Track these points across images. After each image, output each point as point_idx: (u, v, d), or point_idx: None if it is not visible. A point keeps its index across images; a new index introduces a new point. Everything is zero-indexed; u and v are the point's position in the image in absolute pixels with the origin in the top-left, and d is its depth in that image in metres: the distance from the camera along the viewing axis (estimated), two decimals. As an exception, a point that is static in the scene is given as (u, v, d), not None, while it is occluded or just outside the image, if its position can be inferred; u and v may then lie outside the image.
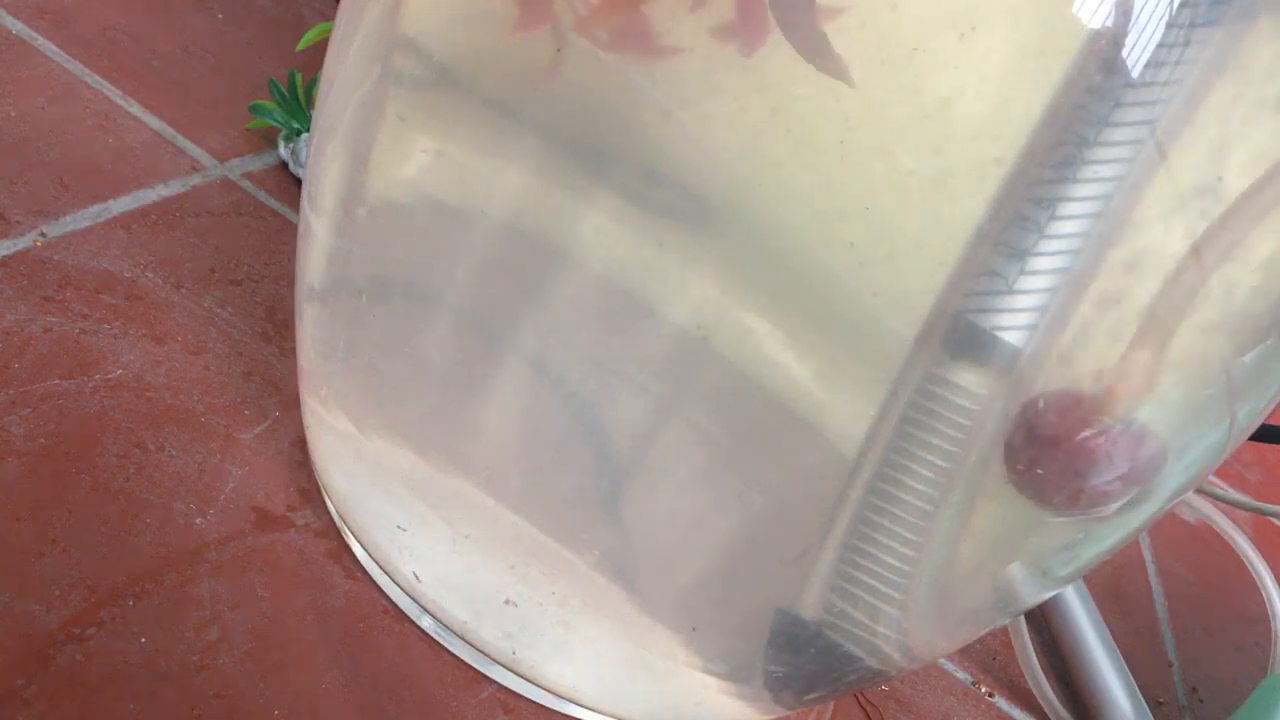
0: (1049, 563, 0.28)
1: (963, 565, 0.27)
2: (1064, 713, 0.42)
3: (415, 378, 0.29)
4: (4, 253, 0.37)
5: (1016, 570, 0.27)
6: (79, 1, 0.50)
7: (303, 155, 0.47)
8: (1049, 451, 0.24)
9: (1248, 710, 0.41)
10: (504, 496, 0.28)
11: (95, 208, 0.41)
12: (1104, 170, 0.21)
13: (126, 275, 0.39)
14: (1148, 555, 0.56)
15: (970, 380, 0.23)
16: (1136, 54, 0.20)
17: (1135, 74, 0.20)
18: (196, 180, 0.44)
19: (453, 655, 0.32)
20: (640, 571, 0.28)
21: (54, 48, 0.47)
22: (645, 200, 0.23)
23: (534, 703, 0.33)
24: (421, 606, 0.32)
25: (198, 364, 0.37)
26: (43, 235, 0.38)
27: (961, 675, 0.43)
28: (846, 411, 0.24)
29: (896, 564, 0.26)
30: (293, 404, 0.37)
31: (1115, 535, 0.27)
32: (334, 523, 0.34)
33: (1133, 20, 0.19)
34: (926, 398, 0.23)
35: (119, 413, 0.34)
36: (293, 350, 0.39)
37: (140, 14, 0.52)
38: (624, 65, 0.23)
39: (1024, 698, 0.43)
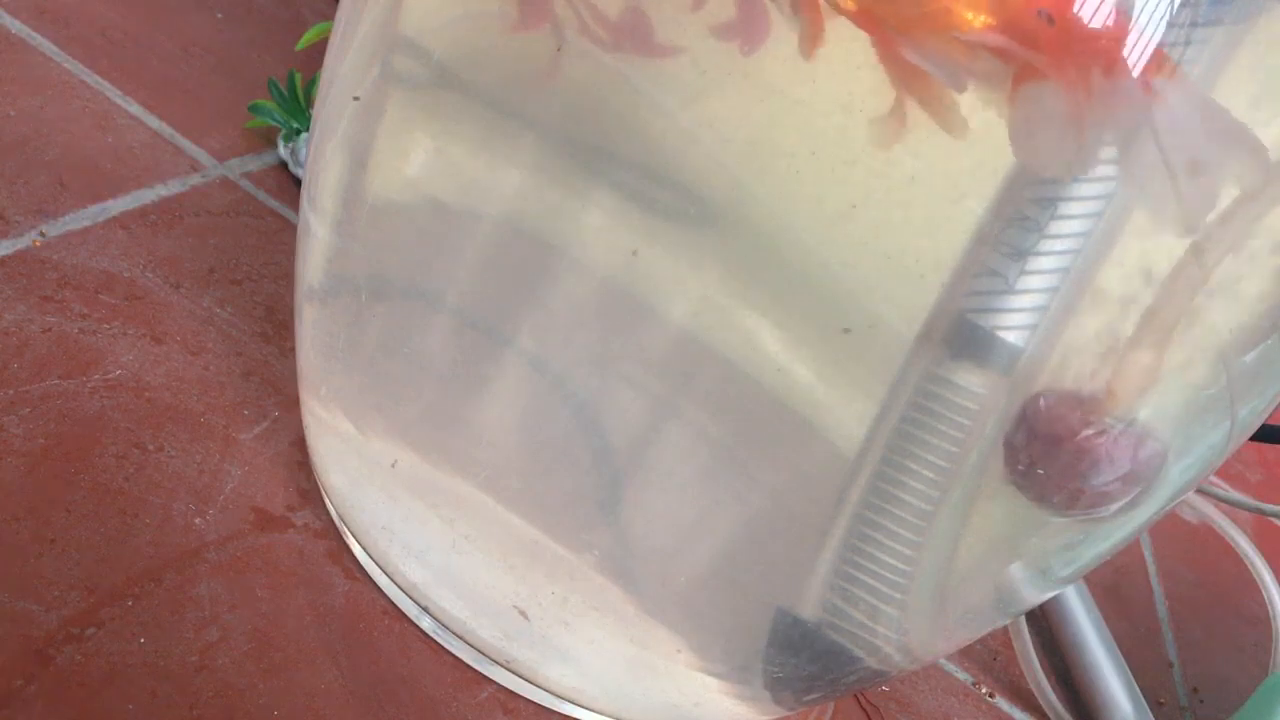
0: (1049, 563, 0.27)
1: (963, 565, 0.27)
2: (1064, 713, 0.42)
3: (415, 378, 0.29)
4: (3, 252, 0.37)
5: (1016, 570, 0.27)
6: (79, 1, 0.50)
7: (302, 155, 0.47)
8: (1049, 451, 0.24)
9: (1248, 710, 0.41)
10: (504, 496, 0.28)
11: (95, 208, 0.41)
12: (1104, 170, 0.21)
13: (126, 275, 0.39)
14: (1148, 555, 0.56)
15: (970, 380, 0.23)
16: (1137, 54, 0.20)
17: (1136, 74, 0.20)
18: (196, 180, 0.44)
19: (453, 655, 0.32)
20: (640, 572, 0.28)
21: (53, 47, 0.47)
22: (645, 200, 0.23)
23: (533, 703, 0.32)
24: (421, 607, 0.32)
25: (197, 364, 0.37)
26: (42, 235, 0.38)
27: (961, 675, 0.43)
28: (846, 411, 0.24)
29: (896, 564, 0.26)
30: (292, 404, 0.37)
31: (1115, 535, 0.27)
32: (333, 523, 0.34)
33: (1133, 20, 0.19)
34: (926, 398, 0.23)
35: (118, 413, 0.34)
36: (292, 350, 0.39)
37: (140, 14, 0.52)
38: (624, 65, 0.23)
39: (1024, 698, 0.43)
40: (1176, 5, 0.20)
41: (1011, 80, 0.20)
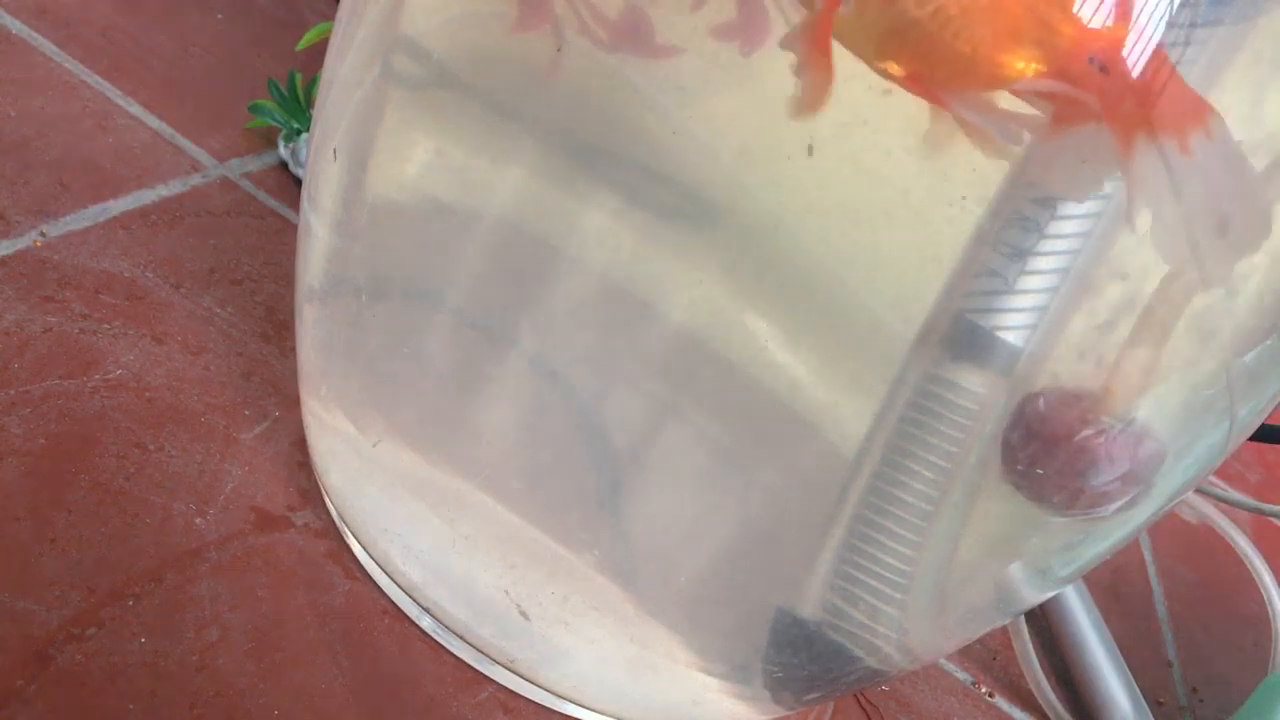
0: (1049, 563, 0.27)
1: (963, 565, 0.27)
2: (1064, 713, 0.42)
3: (415, 378, 0.29)
4: (4, 253, 0.37)
5: (1016, 570, 0.27)
6: (79, 1, 0.50)
7: (303, 155, 0.47)
8: (1048, 451, 0.24)
9: (1248, 710, 0.41)
10: (504, 496, 0.28)
11: (95, 208, 0.41)
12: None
13: (126, 275, 0.39)
14: (1148, 555, 0.56)
15: (970, 380, 0.23)
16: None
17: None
18: (196, 180, 0.44)
19: (453, 655, 0.32)
20: (640, 571, 0.28)
21: (54, 48, 0.47)
22: (645, 200, 0.23)
23: (534, 703, 0.33)
24: (421, 606, 0.32)
25: (197, 364, 0.37)
26: (42, 235, 0.38)
27: (961, 675, 0.43)
28: (846, 411, 0.24)
29: (896, 564, 0.26)
30: (293, 404, 0.37)
31: (1115, 535, 0.27)
32: (334, 523, 0.34)
33: (1133, 20, 0.19)
34: (926, 398, 0.23)
35: (119, 413, 0.34)
36: (293, 350, 0.39)
37: (140, 14, 0.52)
38: (624, 65, 0.23)
39: (1024, 698, 0.43)
40: (1176, 5, 0.20)
41: (1051, 120, 0.20)
